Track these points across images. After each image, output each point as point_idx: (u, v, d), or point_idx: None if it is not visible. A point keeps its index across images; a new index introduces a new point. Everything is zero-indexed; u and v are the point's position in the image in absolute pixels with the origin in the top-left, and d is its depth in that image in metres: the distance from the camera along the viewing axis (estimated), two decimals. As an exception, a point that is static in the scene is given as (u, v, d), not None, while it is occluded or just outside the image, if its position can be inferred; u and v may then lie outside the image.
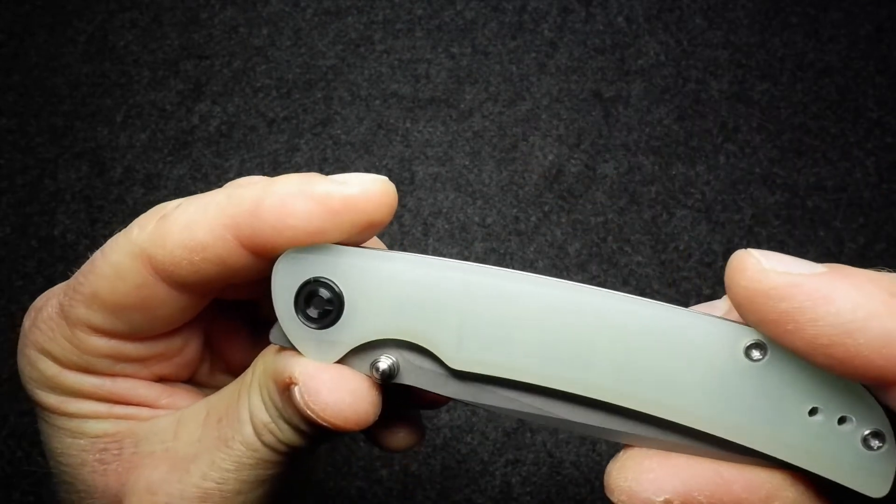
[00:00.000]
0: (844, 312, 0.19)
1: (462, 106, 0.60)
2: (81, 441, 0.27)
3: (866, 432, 0.20)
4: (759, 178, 0.59)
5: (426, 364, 0.24)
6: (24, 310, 0.27)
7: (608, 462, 0.23)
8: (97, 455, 0.27)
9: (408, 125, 0.60)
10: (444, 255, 0.56)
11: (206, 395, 0.30)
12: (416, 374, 0.24)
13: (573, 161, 0.59)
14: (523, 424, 0.51)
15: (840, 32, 0.63)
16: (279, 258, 0.24)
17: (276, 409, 0.25)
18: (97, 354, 0.26)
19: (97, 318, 0.26)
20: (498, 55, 0.62)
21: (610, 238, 0.57)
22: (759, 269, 0.20)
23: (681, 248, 0.56)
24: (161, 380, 0.29)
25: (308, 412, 0.23)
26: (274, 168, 0.58)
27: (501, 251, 0.56)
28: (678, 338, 0.21)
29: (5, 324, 0.54)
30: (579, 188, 0.58)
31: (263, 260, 0.24)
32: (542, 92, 0.61)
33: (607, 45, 0.63)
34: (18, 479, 0.49)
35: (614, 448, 0.53)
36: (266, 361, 0.26)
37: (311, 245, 0.24)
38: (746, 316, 0.21)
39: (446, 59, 0.62)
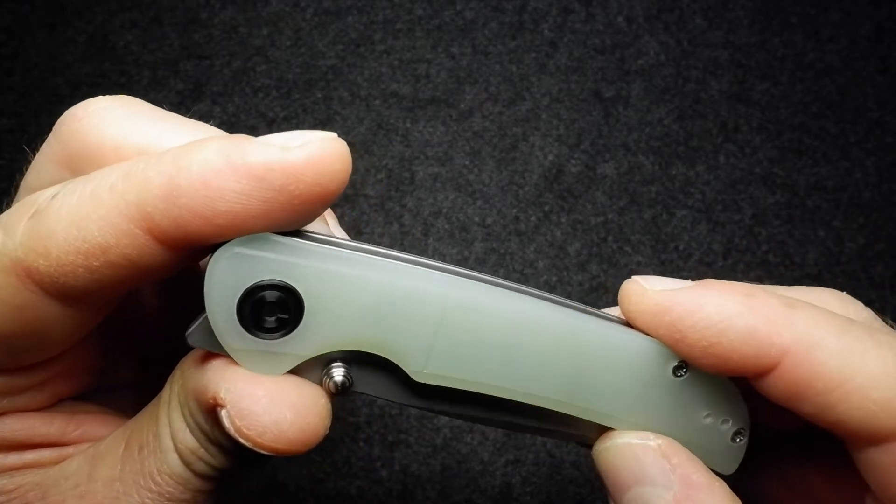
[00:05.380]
0: (713, 315, 0.21)
1: (462, 106, 0.60)
2: None
3: (735, 430, 0.25)
4: (759, 178, 0.59)
5: (382, 373, 0.22)
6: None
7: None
8: None
9: (408, 125, 0.60)
10: (444, 256, 0.56)
11: (123, 407, 0.24)
12: (371, 384, 0.22)
13: (573, 161, 0.59)
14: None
15: (840, 32, 0.63)
16: (216, 254, 0.19)
17: (203, 432, 0.21)
18: None
19: None
20: (498, 55, 0.62)
21: (610, 238, 0.57)
22: (641, 291, 0.23)
23: (681, 248, 0.56)
24: (62, 399, 0.23)
25: (242, 440, 0.19)
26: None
27: (501, 251, 0.56)
28: (621, 355, 0.24)
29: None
30: (579, 188, 0.58)
31: (188, 252, 0.19)
32: (542, 92, 0.61)
33: (607, 45, 0.63)
34: None
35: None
36: (185, 374, 0.21)
37: (256, 236, 0.19)
38: (645, 333, 0.23)
39: (446, 59, 0.62)
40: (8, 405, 0.21)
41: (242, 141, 0.18)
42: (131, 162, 0.19)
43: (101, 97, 0.22)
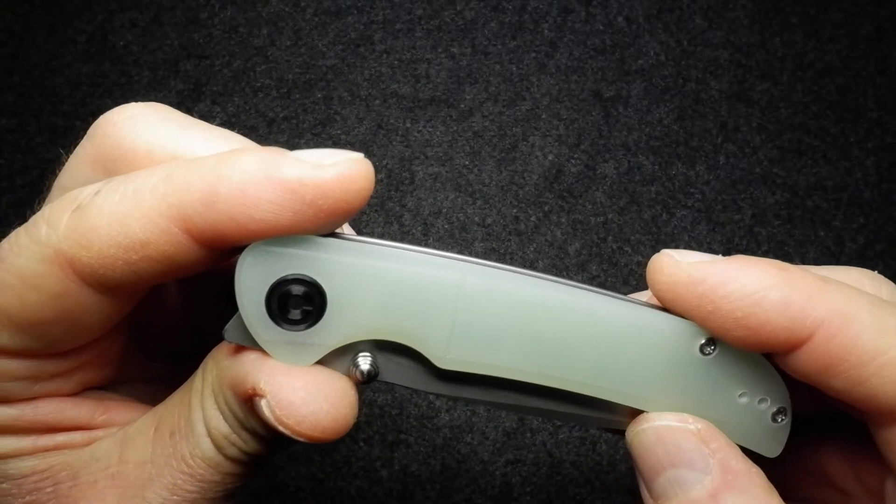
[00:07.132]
0: (749, 286, 0.21)
1: (462, 106, 0.60)
2: (4, 485, 0.23)
3: (775, 409, 0.25)
4: (759, 178, 0.59)
5: (407, 362, 0.23)
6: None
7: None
8: (26, 498, 0.22)
9: (408, 125, 0.60)
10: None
11: (143, 397, 0.26)
12: (397, 372, 0.23)
13: (573, 161, 0.59)
14: (523, 424, 0.51)
15: (840, 32, 0.63)
16: (245, 252, 0.21)
17: (237, 419, 0.22)
18: (10, 378, 0.22)
19: (4, 339, 0.21)
20: (498, 55, 0.62)
21: (610, 238, 0.56)
22: (674, 262, 0.23)
23: (681, 248, 0.56)
24: (89, 388, 0.24)
25: (281, 428, 0.20)
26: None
27: (501, 251, 0.56)
28: (646, 335, 0.23)
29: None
30: (579, 188, 0.58)
31: (219, 251, 0.21)
32: (542, 92, 0.61)
33: (607, 45, 0.63)
34: None
35: (614, 449, 0.53)
36: (220, 366, 0.22)
37: (281, 237, 0.20)
38: (673, 307, 0.23)
39: (446, 59, 0.62)
40: (40, 390, 0.23)
41: (279, 155, 0.20)
42: (171, 165, 0.20)
43: (134, 103, 0.23)
